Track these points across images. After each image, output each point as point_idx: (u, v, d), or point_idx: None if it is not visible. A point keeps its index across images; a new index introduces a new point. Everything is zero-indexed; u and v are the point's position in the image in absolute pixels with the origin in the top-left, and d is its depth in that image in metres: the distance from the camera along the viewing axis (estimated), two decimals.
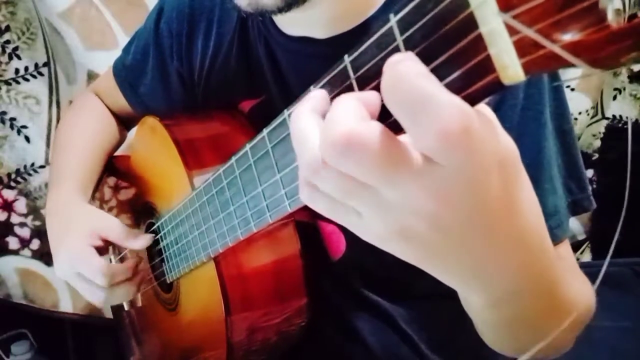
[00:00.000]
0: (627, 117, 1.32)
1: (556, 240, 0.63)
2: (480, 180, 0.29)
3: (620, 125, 1.39)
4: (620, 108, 1.39)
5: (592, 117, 1.40)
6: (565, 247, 0.65)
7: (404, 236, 0.32)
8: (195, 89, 0.88)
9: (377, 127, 0.28)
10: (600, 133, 1.41)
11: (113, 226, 0.80)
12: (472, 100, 0.25)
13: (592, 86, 1.32)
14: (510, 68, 0.22)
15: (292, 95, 0.75)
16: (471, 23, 0.24)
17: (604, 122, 1.40)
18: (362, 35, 0.71)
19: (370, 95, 0.31)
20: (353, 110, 0.29)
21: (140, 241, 0.79)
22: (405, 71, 0.26)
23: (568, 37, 0.20)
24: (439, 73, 0.26)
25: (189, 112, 0.87)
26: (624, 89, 1.37)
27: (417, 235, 0.32)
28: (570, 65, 0.21)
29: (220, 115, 0.84)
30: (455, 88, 0.25)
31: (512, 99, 0.62)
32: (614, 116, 1.40)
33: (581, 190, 0.66)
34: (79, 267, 0.77)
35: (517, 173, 0.32)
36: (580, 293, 0.53)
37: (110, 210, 0.98)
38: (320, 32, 0.70)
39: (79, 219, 0.82)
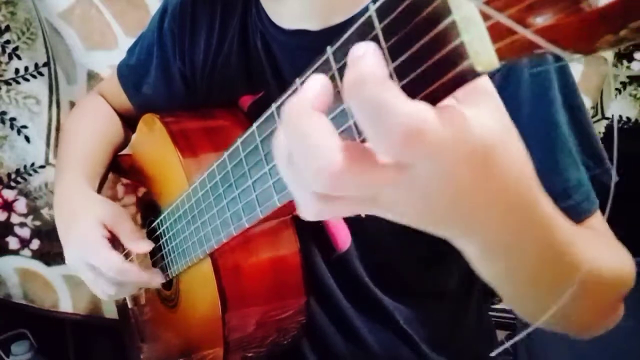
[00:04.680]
0: (619, 116, 1.31)
1: (585, 214, 0.62)
2: (450, 170, 0.30)
3: (620, 125, 1.38)
4: (620, 108, 1.38)
5: (592, 117, 1.39)
6: (596, 218, 0.63)
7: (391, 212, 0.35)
8: (197, 87, 0.89)
9: (356, 152, 0.30)
10: (600, 133, 1.41)
11: (121, 221, 0.80)
12: (447, 88, 0.25)
13: (592, 86, 1.31)
14: (483, 54, 0.22)
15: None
16: (445, 10, 0.23)
17: (604, 122, 1.40)
18: None
19: (320, 92, 0.31)
20: (328, 132, 0.30)
21: (141, 247, 0.79)
22: (365, 76, 0.27)
23: (541, 21, 0.20)
24: (415, 61, 0.26)
25: (189, 110, 0.87)
26: (624, 88, 1.36)
27: (404, 215, 0.35)
28: (544, 50, 0.21)
29: (219, 112, 0.84)
30: (430, 76, 0.25)
31: (516, 78, 0.61)
32: (613, 116, 1.39)
33: (598, 164, 0.64)
34: (92, 259, 0.77)
35: (494, 154, 0.33)
36: (608, 259, 0.54)
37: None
38: (314, 24, 0.71)
39: (87, 207, 0.82)
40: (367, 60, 0.27)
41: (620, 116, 1.38)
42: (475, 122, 0.30)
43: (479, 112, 0.31)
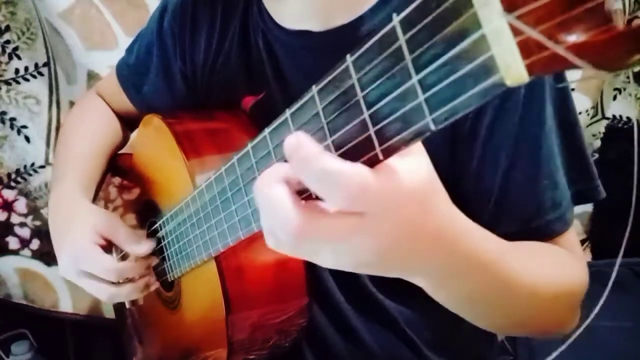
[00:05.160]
0: (627, 118, 1.32)
1: (555, 233, 0.65)
2: (395, 213, 0.37)
3: (620, 125, 1.39)
4: (620, 108, 1.39)
5: (592, 117, 1.40)
6: (568, 236, 0.66)
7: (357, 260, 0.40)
8: (198, 87, 0.88)
9: (314, 212, 0.37)
10: (600, 133, 1.41)
11: (117, 228, 0.80)
12: (474, 102, 0.25)
13: (592, 86, 1.32)
14: (514, 68, 0.22)
15: (290, 89, 0.75)
16: (474, 23, 0.24)
17: (604, 122, 1.40)
18: (359, 29, 0.71)
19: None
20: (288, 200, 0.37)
21: (144, 247, 0.79)
22: (305, 156, 0.34)
23: (573, 38, 0.20)
24: (443, 73, 0.26)
25: (191, 110, 0.87)
26: (624, 89, 1.37)
27: (368, 258, 0.40)
28: (574, 66, 0.21)
29: (222, 113, 0.84)
30: (459, 87, 0.25)
31: (513, 106, 0.62)
32: (614, 116, 1.40)
33: (586, 181, 0.67)
34: (85, 265, 0.77)
35: (427, 194, 0.39)
36: (548, 274, 0.58)
37: (115, 209, 0.98)
38: (315, 24, 0.70)
39: (81, 217, 0.81)
40: (301, 143, 0.35)
41: (620, 116, 1.38)
42: (403, 173, 0.36)
43: (408, 165, 0.37)
